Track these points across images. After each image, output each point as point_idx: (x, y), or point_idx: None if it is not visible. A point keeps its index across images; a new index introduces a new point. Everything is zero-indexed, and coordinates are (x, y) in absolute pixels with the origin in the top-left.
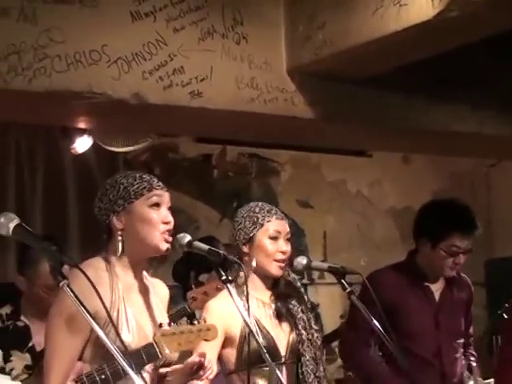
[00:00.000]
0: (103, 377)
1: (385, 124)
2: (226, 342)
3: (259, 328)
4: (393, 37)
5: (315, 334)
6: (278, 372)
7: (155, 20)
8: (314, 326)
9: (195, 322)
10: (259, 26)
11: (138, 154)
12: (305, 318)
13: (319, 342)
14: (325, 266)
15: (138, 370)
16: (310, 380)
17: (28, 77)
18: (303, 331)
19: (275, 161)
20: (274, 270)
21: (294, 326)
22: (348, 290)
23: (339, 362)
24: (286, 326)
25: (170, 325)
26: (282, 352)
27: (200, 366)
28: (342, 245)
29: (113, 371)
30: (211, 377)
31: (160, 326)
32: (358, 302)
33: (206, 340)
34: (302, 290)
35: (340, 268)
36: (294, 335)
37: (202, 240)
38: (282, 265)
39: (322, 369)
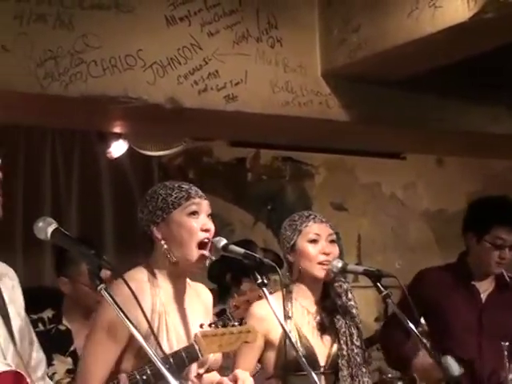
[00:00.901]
0: (144, 377)
1: (420, 126)
2: (267, 345)
3: (299, 335)
4: (428, 39)
5: (355, 350)
6: (316, 379)
7: (190, 24)
8: (356, 343)
9: (235, 324)
10: (293, 29)
11: (173, 158)
12: (347, 332)
13: (358, 359)
14: (360, 269)
15: (179, 371)
16: None
17: (64, 82)
18: (344, 346)
19: (309, 164)
20: (318, 272)
21: (336, 339)
22: (384, 294)
23: (374, 365)
24: (328, 337)
25: (210, 326)
26: (322, 362)
27: None
28: (376, 248)
29: (154, 372)
30: None
31: (201, 326)
32: (394, 306)
33: (246, 342)
34: (353, 302)
35: (376, 271)
36: (335, 348)
37: (239, 243)
38: (326, 267)
39: None
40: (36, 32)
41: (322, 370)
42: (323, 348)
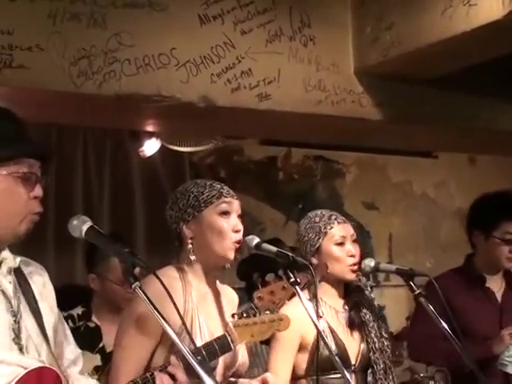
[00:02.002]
0: None
1: (453, 125)
2: (301, 347)
3: (332, 335)
4: (462, 37)
5: (385, 343)
6: (349, 379)
7: (223, 23)
8: (385, 335)
9: (267, 313)
10: (326, 27)
11: (204, 157)
12: (376, 326)
13: (389, 351)
14: (393, 267)
15: (211, 361)
16: None
17: (98, 81)
18: (375, 339)
19: (340, 163)
20: (348, 275)
21: (366, 334)
22: (417, 292)
23: (405, 364)
24: (356, 335)
25: (242, 316)
26: (353, 361)
27: None
28: (407, 246)
29: (186, 367)
30: None
31: (232, 316)
32: (427, 304)
33: (278, 330)
34: (373, 295)
35: (408, 270)
36: (364, 344)
37: (267, 242)
38: (355, 268)
39: (391, 377)
40: (70, 31)
41: (353, 368)
42: (354, 346)
